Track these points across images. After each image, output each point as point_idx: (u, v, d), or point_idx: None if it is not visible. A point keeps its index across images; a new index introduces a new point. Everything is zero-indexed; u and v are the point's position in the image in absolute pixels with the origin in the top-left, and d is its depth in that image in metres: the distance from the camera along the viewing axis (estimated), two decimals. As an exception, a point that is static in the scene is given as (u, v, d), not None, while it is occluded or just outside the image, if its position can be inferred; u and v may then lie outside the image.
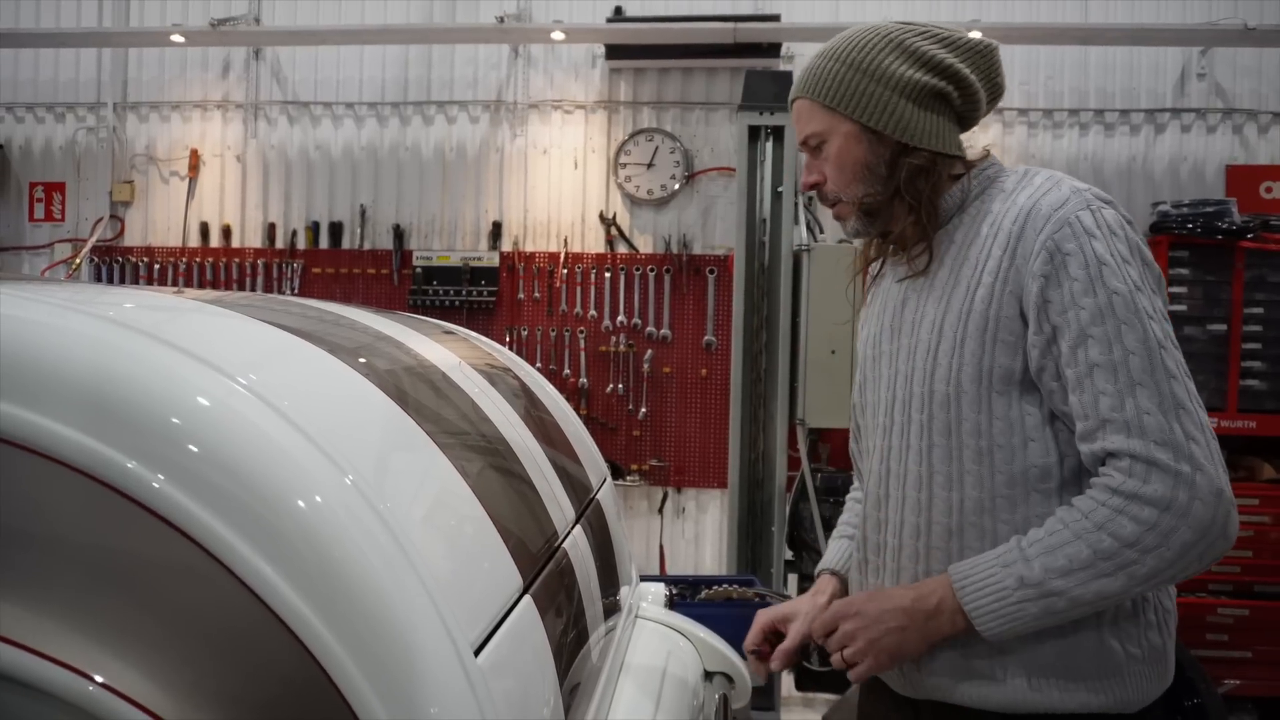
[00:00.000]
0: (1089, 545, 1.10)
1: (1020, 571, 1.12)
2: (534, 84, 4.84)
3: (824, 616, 1.27)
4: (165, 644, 0.75)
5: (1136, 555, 1.09)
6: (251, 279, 4.91)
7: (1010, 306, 1.18)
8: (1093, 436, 1.13)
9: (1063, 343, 1.14)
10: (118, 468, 0.76)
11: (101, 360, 0.81)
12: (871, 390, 1.36)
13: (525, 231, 4.82)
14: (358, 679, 0.74)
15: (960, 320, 1.21)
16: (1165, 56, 4.62)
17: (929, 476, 1.24)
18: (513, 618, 0.97)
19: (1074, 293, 1.13)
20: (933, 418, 1.23)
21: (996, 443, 1.19)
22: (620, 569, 1.69)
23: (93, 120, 5.06)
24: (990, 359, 1.19)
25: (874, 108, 1.26)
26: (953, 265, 1.26)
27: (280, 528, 0.77)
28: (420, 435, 1.05)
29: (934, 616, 1.18)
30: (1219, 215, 3.95)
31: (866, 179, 1.29)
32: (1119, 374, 1.11)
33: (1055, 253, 1.15)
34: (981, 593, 1.15)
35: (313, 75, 4.95)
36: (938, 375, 1.22)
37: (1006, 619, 1.13)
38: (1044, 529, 1.14)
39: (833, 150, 1.30)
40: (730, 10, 4.59)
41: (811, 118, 1.32)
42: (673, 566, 4.68)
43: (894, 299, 1.34)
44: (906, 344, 1.29)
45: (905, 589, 1.23)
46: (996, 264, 1.19)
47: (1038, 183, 1.23)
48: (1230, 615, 3.77)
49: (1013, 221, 1.20)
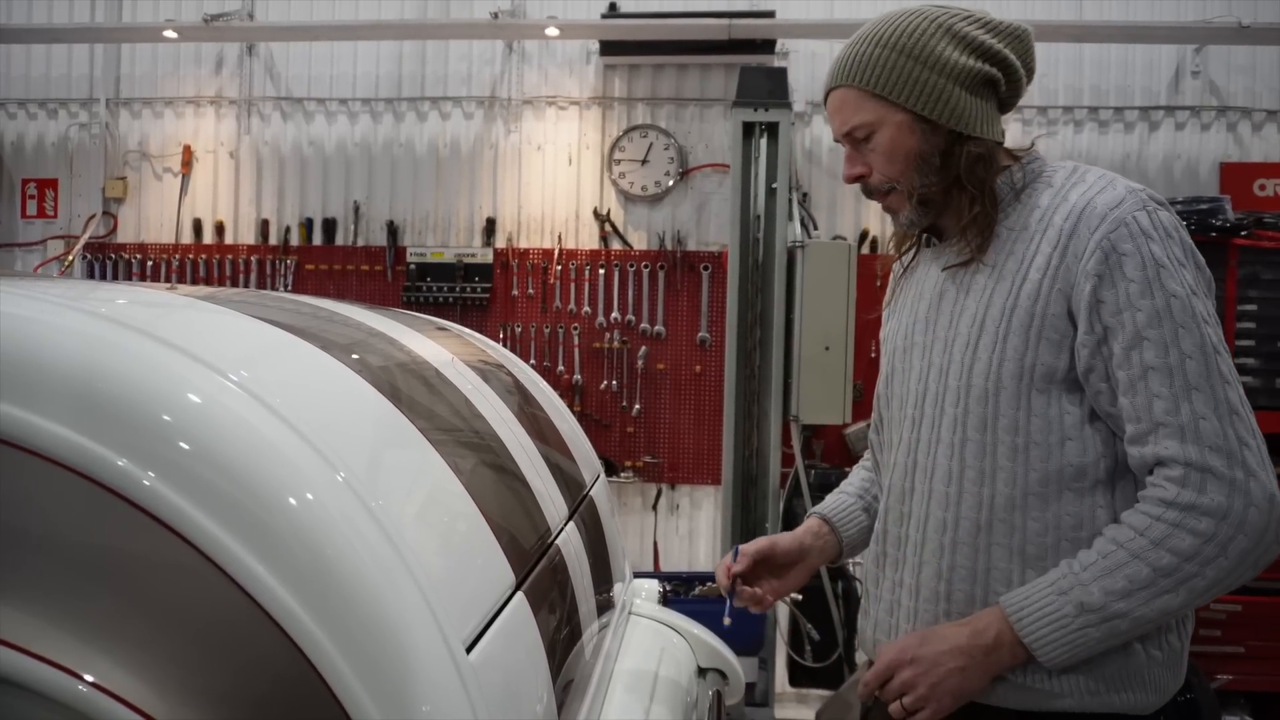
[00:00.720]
0: (1148, 564, 1.08)
1: (1079, 598, 1.10)
2: (528, 80, 4.83)
3: (877, 667, 1.21)
4: (156, 642, 0.75)
5: (1196, 568, 1.07)
6: (245, 276, 4.89)
7: (1058, 304, 1.16)
8: (1144, 440, 1.11)
9: (1115, 344, 1.12)
10: (108, 465, 0.76)
11: (92, 357, 0.81)
12: (900, 382, 1.33)
13: (519, 228, 4.82)
14: (349, 676, 0.73)
15: (1004, 315, 1.19)
16: (1160, 54, 4.63)
17: (960, 471, 1.22)
18: (505, 614, 0.97)
19: (1130, 294, 1.11)
20: (968, 412, 1.21)
21: (1033, 440, 1.17)
22: (613, 566, 1.69)
23: (85, 116, 5.03)
24: (1034, 356, 1.17)
25: (929, 95, 1.22)
26: (996, 259, 1.22)
27: (272, 525, 0.76)
28: (413, 432, 1.05)
29: (993, 651, 1.15)
30: (1213, 213, 3.96)
31: (921, 169, 1.25)
32: (1175, 378, 1.09)
33: (1111, 252, 1.13)
34: (1040, 623, 1.12)
35: (306, 71, 4.93)
36: (976, 369, 1.20)
37: (1069, 646, 1.12)
38: (1096, 550, 1.12)
39: (883, 141, 1.25)
40: (725, 7, 4.58)
41: (859, 107, 1.26)
42: (666, 563, 4.68)
43: (930, 291, 1.30)
44: (944, 337, 1.26)
45: (957, 626, 1.18)
46: (1045, 260, 1.17)
47: (1091, 180, 1.20)
48: (1223, 610, 3.78)
49: (1064, 218, 1.17)
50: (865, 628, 1.39)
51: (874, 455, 1.46)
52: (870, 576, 1.38)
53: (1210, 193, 4.42)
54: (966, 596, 1.21)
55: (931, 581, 1.25)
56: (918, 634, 1.21)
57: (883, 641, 1.31)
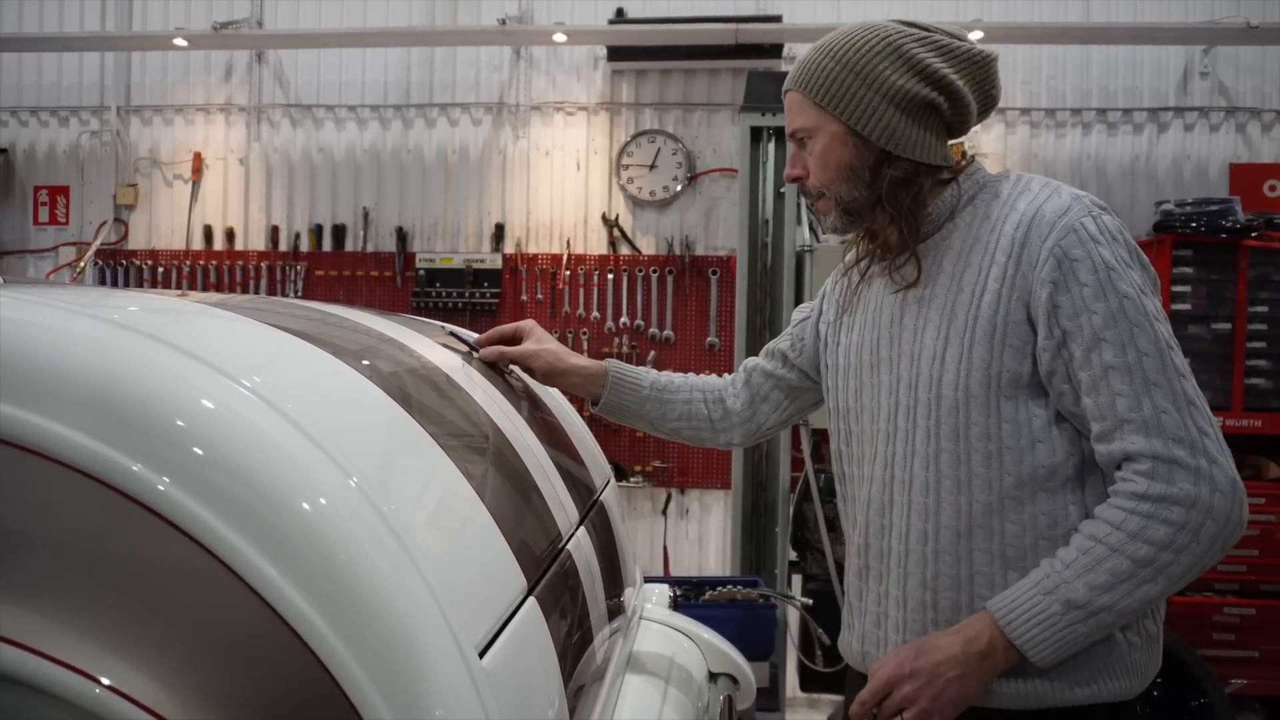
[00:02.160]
0: (1127, 557, 1.12)
1: (1065, 595, 1.13)
2: (536, 86, 4.85)
3: (873, 684, 1.21)
4: (170, 646, 0.75)
5: (1172, 556, 1.11)
6: (255, 282, 4.92)
7: (1018, 312, 1.19)
8: (1110, 437, 1.15)
9: (1075, 347, 1.16)
10: (123, 470, 0.76)
11: (107, 363, 0.81)
12: (870, 396, 1.34)
13: (528, 233, 4.83)
14: (362, 681, 0.74)
15: (967, 326, 1.22)
16: (1168, 55, 4.62)
17: (936, 481, 1.24)
18: (517, 620, 0.97)
19: (1085, 298, 1.15)
20: (940, 423, 1.24)
21: (1005, 445, 1.20)
22: (624, 570, 1.69)
23: (96, 124, 5.07)
24: (999, 364, 1.20)
25: (862, 112, 1.27)
26: (954, 271, 1.26)
27: (284, 530, 0.77)
28: (424, 437, 1.05)
29: (988, 656, 1.17)
30: (1223, 214, 3.94)
31: (850, 180, 1.30)
32: (1134, 375, 1.13)
33: (1063, 259, 1.17)
34: (1030, 624, 1.15)
35: (315, 78, 4.96)
36: (945, 381, 1.23)
37: (1059, 644, 1.14)
38: (1075, 548, 1.15)
39: (818, 147, 1.31)
40: (732, 11, 4.59)
41: (801, 111, 1.32)
42: (676, 568, 4.68)
43: (891, 306, 1.33)
44: (909, 350, 1.28)
45: (949, 635, 1.19)
46: (1001, 270, 1.21)
47: (1036, 189, 1.24)
48: (1236, 614, 3.75)
49: (1014, 227, 1.21)
50: (850, 641, 1.39)
51: (838, 467, 1.44)
52: (853, 590, 1.38)
53: (1220, 194, 4.41)
54: (952, 604, 1.24)
55: (917, 591, 1.26)
56: (911, 646, 1.21)
57: (872, 654, 1.32)
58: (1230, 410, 3.89)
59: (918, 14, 4.68)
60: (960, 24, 4.37)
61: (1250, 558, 3.80)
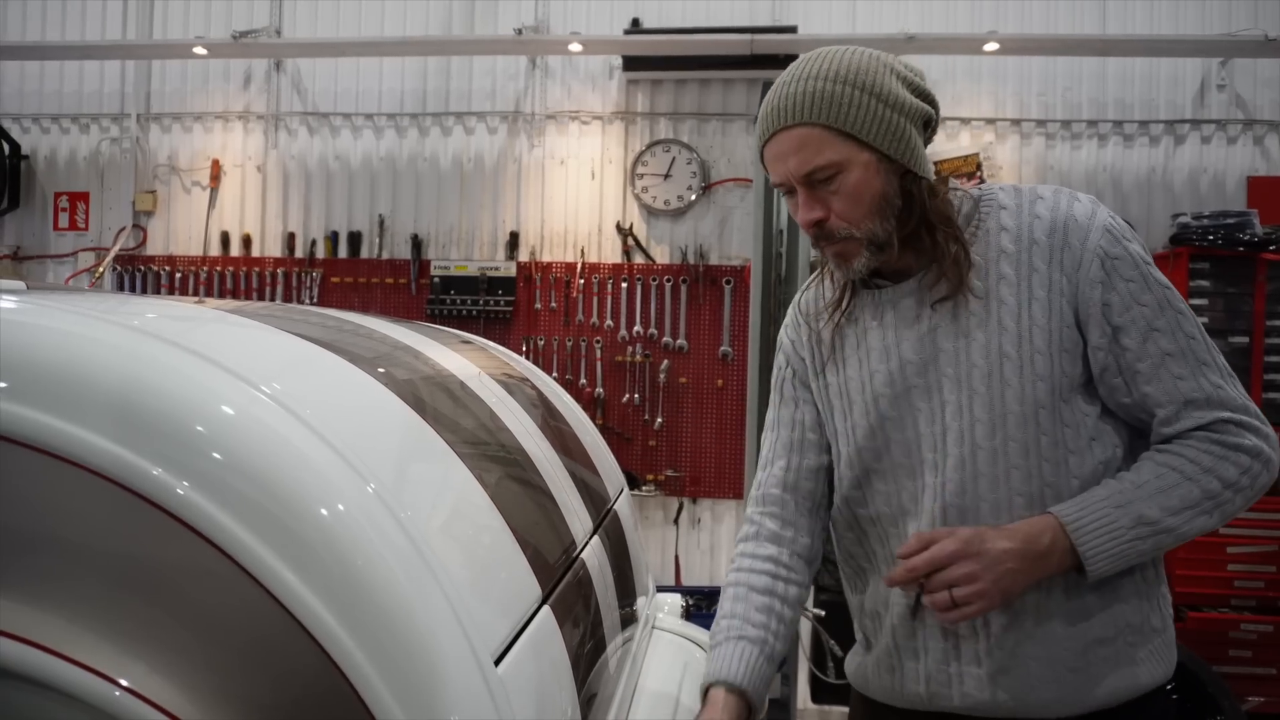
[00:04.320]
0: (1199, 486, 1.17)
1: (1139, 511, 1.16)
2: (551, 95, 4.87)
3: (933, 553, 1.15)
4: (189, 649, 0.76)
5: (1232, 494, 1.18)
6: (271, 288, 4.95)
7: (1068, 315, 1.21)
8: (1176, 419, 1.20)
9: (1127, 339, 1.20)
10: (143, 474, 0.77)
11: (128, 369, 0.82)
12: (899, 428, 1.27)
13: (542, 242, 4.84)
14: (378, 686, 0.74)
15: (1023, 337, 1.21)
16: (1185, 67, 4.59)
17: (1009, 501, 1.21)
18: (532, 628, 0.97)
19: (1131, 292, 1.20)
20: (1008, 439, 1.20)
21: (1070, 449, 1.21)
22: (637, 580, 1.69)
23: (116, 131, 5.12)
24: (1059, 370, 1.21)
25: (893, 134, 1.19)
26: (985, 285, 1.22)
27: (303, 534, 0.77)
28: (440, 444, 1.06)
29: (1044, 557, 1.16)
30: (1240, 227, 3.92)
31: (883, 212, 1.22)
32: (1188, 359, 1.20)
33: (1105, 258, 1.20)
34: (1097, 533, 1.16)
35: (333, 86, 5.00)
36: (1009, 395, 1.20)
37: (1118, 557, 1.17)
38: (1146, 473, 1.18)
39: (849, 183, 1.20)
40: (747, 22, 4.60)
41: (823, 148, 1.19)
42: (688, 577, 4.66)
43: (910, 332, 1.26)
44: (952, 373, 1.23)
45: (1009, 530, 1.17)
46: (1045, 277, 1.21)
47: (1048, 194, 1.25)
48: (1254, 631, 3.72)
49: (1048, 234, 1.22)
50: (897, 683, 1.30)
51: (847, 512, 1.36)
52: (902, 630, 1.29)
53: (1237, 207, 4.38)
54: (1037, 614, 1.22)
55: (1000, 616, 1.21)
56: (970, 530, 1.17)
57: (943, 694, 1.25)
58: (1247, 424, 3.86)
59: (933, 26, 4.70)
60: (976, 36, 4.38)
61: (1268, 574, 3.77)
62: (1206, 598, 3.79)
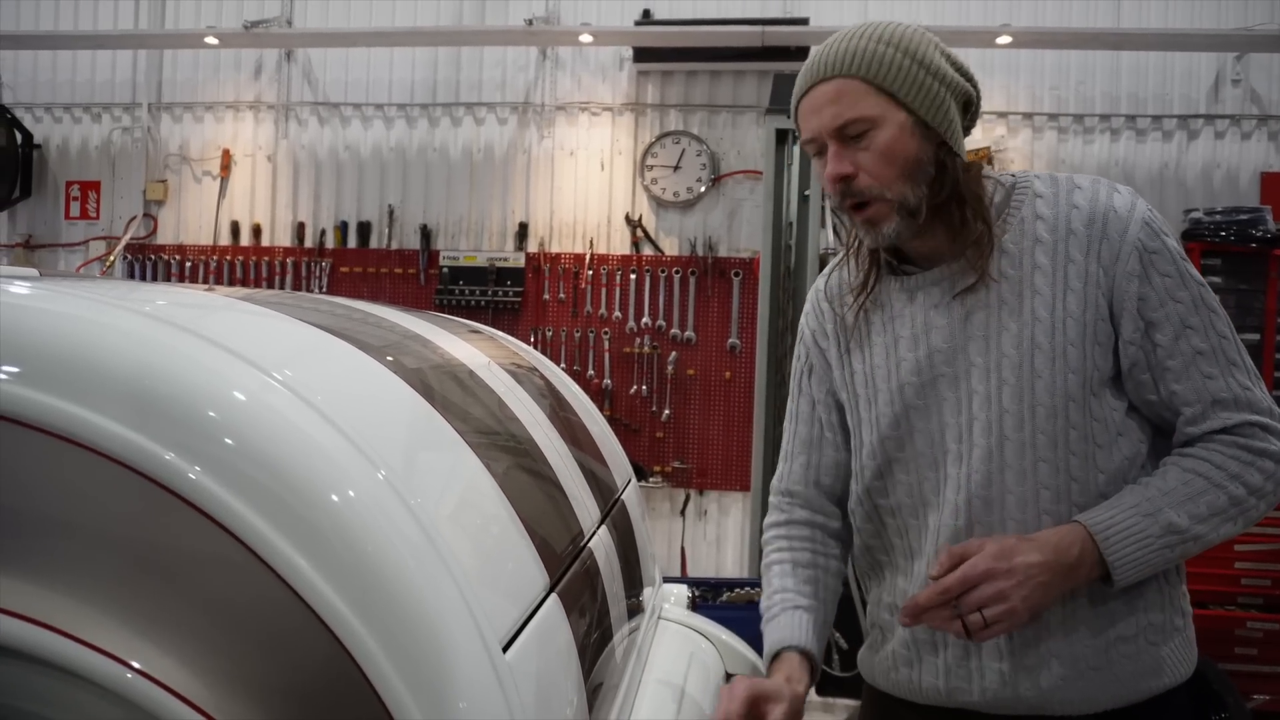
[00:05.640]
0: (1226, 493, 1.15)
1: (1168, 519, 1.14)
2: (561, 86, 4.86)
3: (965, 571, 1.11)
4: (200, 633, 0.76)
5: (1255, 500, 1.17)
6: (281, 277, 4.96)
7: (1103, 308, 1.18)
8: (1203, 418, 1.18)
9: (1160, 335, 1.18)
10: (156, 459, 0.77)
11: (141, 355, 0.83)
12: (924, 417, 1.24)
13: (551, 232, 4.84)
14: (388, 671, 0.74)
15: (1056, 329, 1.18)
16: (1199, 62, 4.57)
17: (1035, 494, 1.19)
18: (539, 616, 0.98)
19: (1168, 288, 1.18)
20: (1037, 432, 1.18)
21: (1097, 444, 1.19)
22: (644, 570, 1.70)
23: (128, 120, 5.14)
24: (1091, 363, 1.18)
25: (931, 100, 1.18)
26: (1018, 274, 1.20)
27: (314, 521, 0.78)
28: (450, 432, 1.06)
29: (1074, 569, 1.13)
30: (1253, 223, 3.90)
31: (914, 177, 1.18)
32: (1219, 359, 1.18)
33: (1143, 252, 1.18)
34: (1126, 543, 1.13)
35: (343, 76, 5.00)
36: (1039, 387, 1.18)
37: (1145, 565, 1.15)
38: (1173, 479, 1.16)
39: (882, 140, 1.17)
40: (759, 13, 4.59)
41: (859, 101, 1.17)
42: (694, 569, 4.67)
43: (941, 319, 1.24)
44: (982, 363, 1.21)
45: (1038, 541, 1.13)
46: (1081, 268, 1.18)
47: (1086, 185, 1.23)
48: (1260, 629, 3.71)
49: (1086, 225, 1.19)
50: (916, 677, 1.28)
51: (868, 503, 1.33)
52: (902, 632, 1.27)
53: (1250, 203, 4.35)
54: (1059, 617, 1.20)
55: None
56: (1004, 542, 1.13)
57: (963, 689, 1.23)
58: (1258, 421, 3.85)
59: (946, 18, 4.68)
60: (988, 29, 4.36)
61: (1275, 572, 3.75)
62: (1213, 595, 3.78)
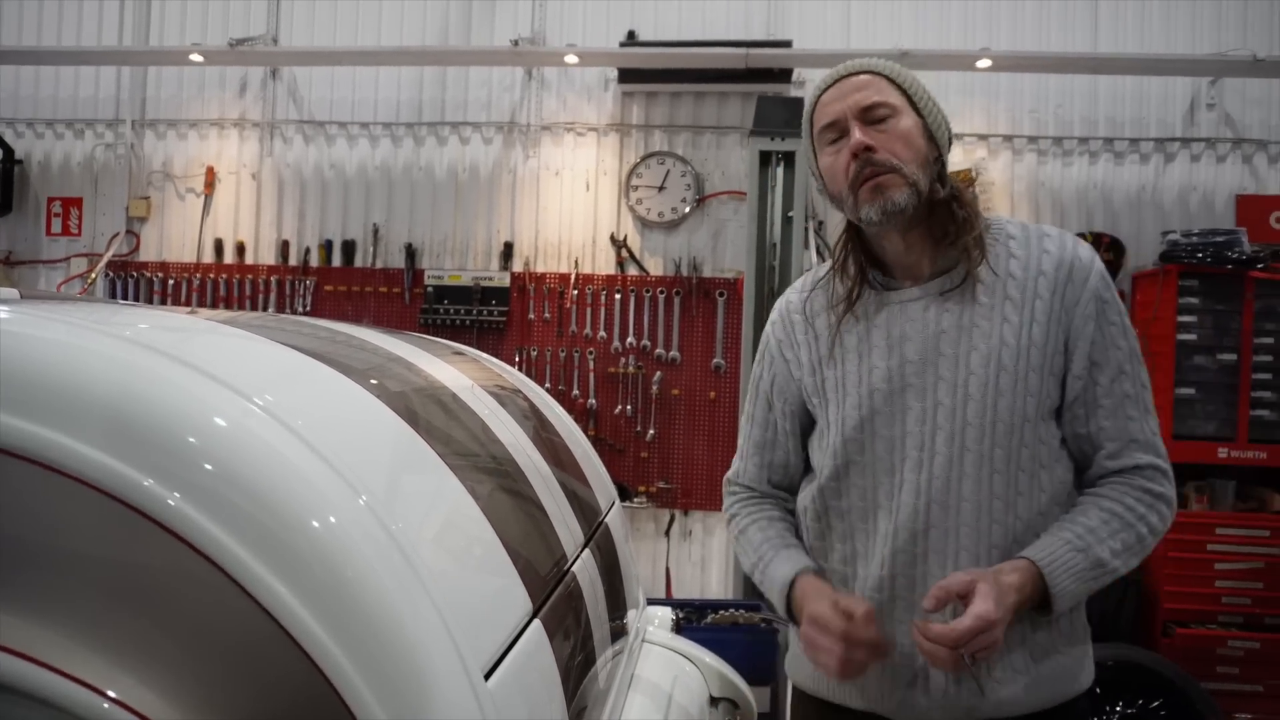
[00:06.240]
0: (1135, 532, 1.30)
1: (1096, 555, 1.27)
2: (547, 106, 4.88)
3: (969, 625, 1.18)
4: (179, 660, 0.76)
5: (1153, 539, 1.32)
6: (264, 296, 4.94)
7: (1059, 343, 1.32)
8: (1121, 454, 1.32)
9: (1101, 376, 1.32)
10: (134, 485, 0.77)
11: (120, 380, 0.82)
12: (888, 424, 1.33)
13: (536, 252, 4.85)
14: (368, 699, 0.74)
15: (1020, 354, 1.31)
16: (1175, 86, 4.64)
17: (989, 503, 1.30)
18: (522, 641, 0.97)
19: (1112, 336, 1.33)
20: (995, 445, 1.30)
21: (1042, 464, 1.32)
22: (628, 593, 1.69)
23: (111, 137, 5.12)
24: (1045, 390, 1.32)
25: (936, 116, 1.38)
26: (992, 302, 1.33)
27: (294, 546, 0.77)
28: (432, 457, 1.06)
29: (1025, 604, 1.26)
30: (1229, 245, 3.95)
31: (925, 165, 1.33)
32: (1139, 403, 1.34)
33: (1098, 300, 1.33)
34: (1066, 576, 1.26)
35: (329, 95, 5.00)
36: (1002, 405, 1.30)
37: (1074, 596, 1.28)
38: (1094, 519, 1.30)
39: (902, 125, 1.33)
40: (743, 36, 4.63)
41: (886, 91, 1.35)
42: (679, 590, 4.66)
43: (916, 332, 1.34)
44: (950, 377, 1.32)
45: (1008, 582, 1.24)
46: (1047, 306, 1.32)
47: (1054, 234, 1.38)
48: (1241, 648, 3.73)
49: (1054, 268, 1.33)
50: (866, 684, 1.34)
51: (820, 503, 1.41)
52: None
53: (1226, 225, 4.42)
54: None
55: None
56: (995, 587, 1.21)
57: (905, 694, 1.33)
58: (1235, 442, 3.88)
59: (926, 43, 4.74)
60: (968, 53, 4.41)
61: (1255, 590, 3.78)
62: (1194, 614, 3.80)
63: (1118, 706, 3.43)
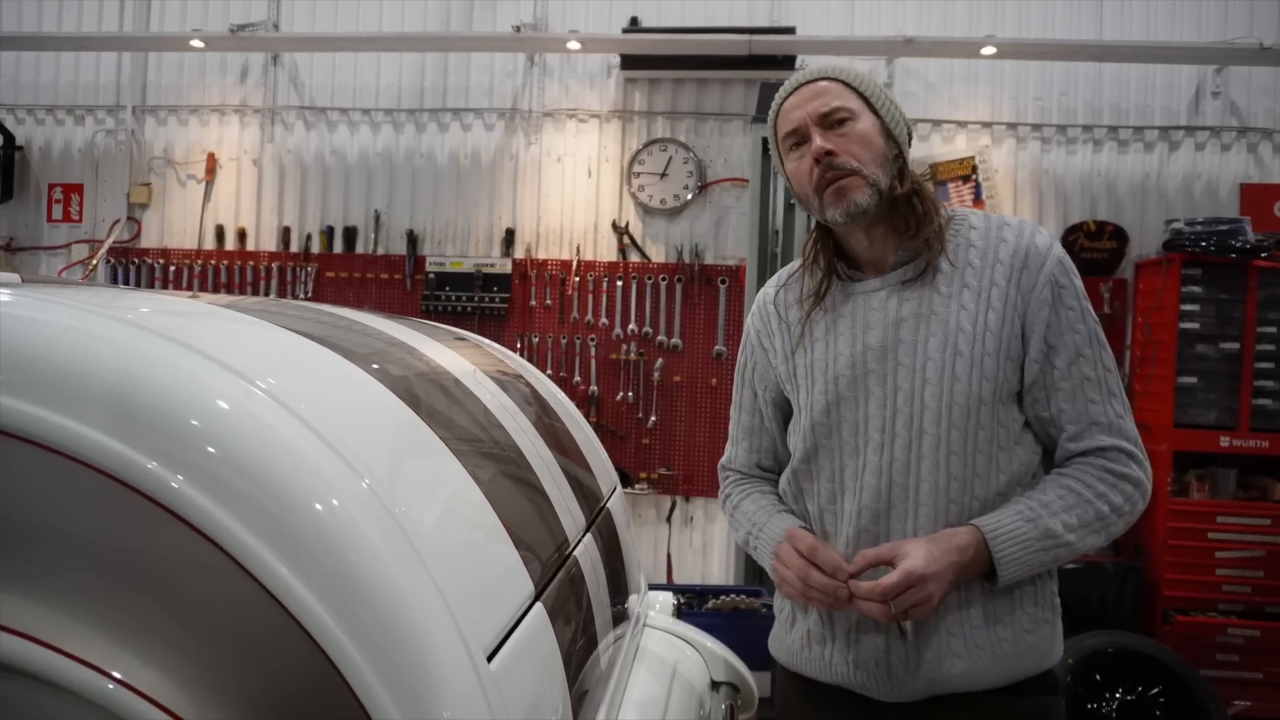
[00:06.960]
0: (1093, 509, 1.32)
1: (1046, 525, 1.30)
2: (549, 92, 4.87)
3: (896, 579, 1.25)
4: (182, 642, 0.76)
5: (1115, 519, 1.34)
6: (266, 282, 4.94)
7: (1016, 328, 1.35)
8: (1082, 436, 1.35)
9: (1058, 360, 1.35)
10: (138, 468, 0.77)
11: (124, 363, 0.82)
12: (852, 408, 1.39)
13: (538, 239, 4.84)
14: (371, 680, 0.74)
15: (976, 340, 1.34)
16: (1180, 74, 4.61)
17: (946, 484, 1.34)
18: (524, 624, 0.98)
19: (1070, 320, 1.36)
20: (951, 428, 1.34)
21: (1000, 446, 1.35)
22: (629, 578, 1.70)
23: (112, 123, 5.11)
24: (1003, 374, 1.35)
25: (894, 115, 1.41)
26: (949, 290, 1.37)
27: (297, 530, 0.78)
28: (434, 441, 1.06)
29: (969, 567, 1.30)
30: (1233, 234, 3.94)
31: (885, 165, 1.38)
32: (1101, 387, 1.36)
33: (1054, 285, 1.36)
34: (1011, 544, 1.29)
35: (330, 81, 4.99)
36: (958, 390, 1.34)
37: (1023, 565, 1.31)
38: (1050, 494, 1.33)
39: (860, 128, 1.37)
40: (746, 23, 4.61)
41: (843, 95, 1.39)
42: (680, 575, 4.67)
43: (878, 320, 1.39)
44: (909, 362, 1.36)
45: (946, 544, 1.29)
46: (1004, 292, 1.36)
47: (1014, 223, 1.41)
48: (1240, 636, 3.74)
49: (1011, 255, 1.37)
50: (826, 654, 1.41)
51: (794, 484, 1.48)
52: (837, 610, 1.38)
53: (1230, 214, 4.40)
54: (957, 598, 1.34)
55: None
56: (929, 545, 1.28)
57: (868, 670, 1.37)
58: (1237, 430, 3.88)
59: (929, 29, 4.71)
60: (973, 40, 4.39)
61: (1255, 579, 3.79)
62: (1194, 602, 3.81)
63: (1117, 694, 3.44)
